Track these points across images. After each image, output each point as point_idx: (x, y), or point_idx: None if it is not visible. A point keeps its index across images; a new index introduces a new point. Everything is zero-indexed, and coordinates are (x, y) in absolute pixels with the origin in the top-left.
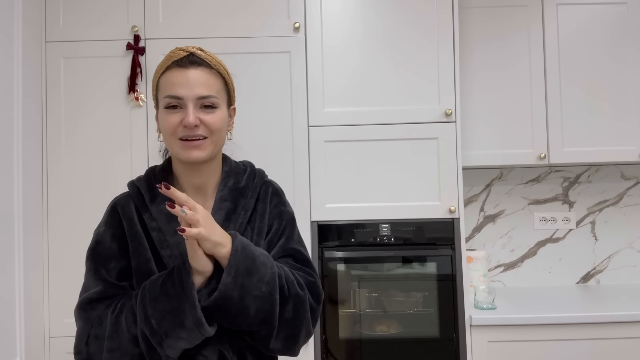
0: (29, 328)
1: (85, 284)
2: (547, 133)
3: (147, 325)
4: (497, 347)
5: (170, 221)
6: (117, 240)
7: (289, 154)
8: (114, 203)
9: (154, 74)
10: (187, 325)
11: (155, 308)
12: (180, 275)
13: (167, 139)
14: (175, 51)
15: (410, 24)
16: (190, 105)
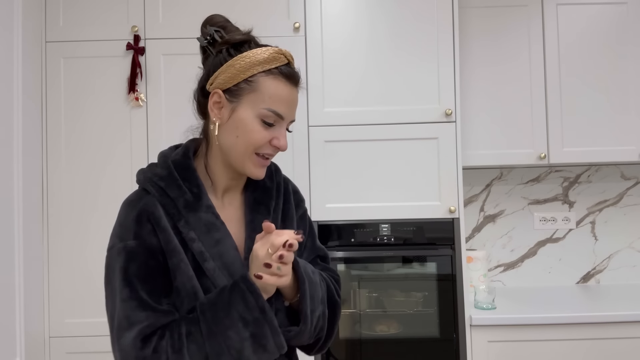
0: (29, 328)
1: (126, 315)
2: (547, 133)
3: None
4: (497, 347)
5: (211, 231)
6: (153, 255)
7: (288, 154)
8: (140, 210)
9: (242, 62)
10: (269, 350)
11: (234, 338)
12: (255, 301)
13: (244, 150)
14: (278, 53)
15: (410, 23)
16: (284, 127)
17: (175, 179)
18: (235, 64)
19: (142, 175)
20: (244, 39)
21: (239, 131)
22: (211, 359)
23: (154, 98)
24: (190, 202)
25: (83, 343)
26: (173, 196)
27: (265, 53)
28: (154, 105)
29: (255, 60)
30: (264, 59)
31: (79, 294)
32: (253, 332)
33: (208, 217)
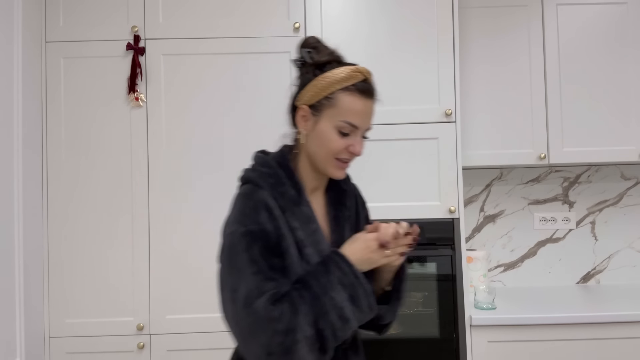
0: (29, 328)
1: (256, 286)
2: (547, 133)
3: (332, 314)
4: (497, 347)
5: (309, 222)
6: (270, 238)
7: None
8: (256, 200)
9: (326, 82)
10: (363, 310)
11: (337, 299)
12: (349, 268)
13: (325, 156)
14: (355, 71)
15: (410, 24)
16: (359, 135)
17: (282, 177)
18: (318, 83)
19: (251, 173)
20: (328, 60)
21: (320, 140)
22: (319, 317)
23: (154, 98)
24: (294, 197)
25: (83, 343)
26: (281, 191)
27: (343, 72)
28: (154, 105)
29: (334, 80)
30: (342, 78)
31: (79, 294)
32: (351, 294)
33: (307, 210)
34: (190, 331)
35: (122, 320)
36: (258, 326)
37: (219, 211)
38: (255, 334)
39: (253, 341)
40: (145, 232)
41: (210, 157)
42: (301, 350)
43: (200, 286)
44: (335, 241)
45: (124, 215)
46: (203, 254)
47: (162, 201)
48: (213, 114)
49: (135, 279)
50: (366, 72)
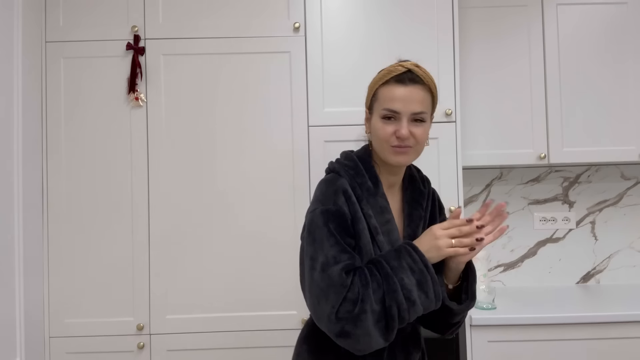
0: (29, 328)
1: (333, 255)
2: (547, 133)
3: (400, 295)
4: (497, 347)
5: (384, 212)
6: (346, 219)
7: (288, 154)
8: (337, 186)
9: (371, 82)
10: (430, 297)
11: (405, 281)
12: (419, 256)
13: (380, 144)
14: (396, 66)
15: (410, 24)
16: (405, 119)
17: (361, 170)
18: (368, 87)
19: (335, 165)
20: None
21: (374, 132)
22: (387, 294)
23: (154, 98)
24: (371, 188)
25: (83, 343)
26: (359, 182)
27: (384, 71)
28: (154, 105)
29: (376, 79)
30: (382, 76)
31: (79, 294)
32: (419, 279)
33: (382, 201)
34: (190, 331)
35: (122, 320)
36: (331, 290)
37: (219, 211)
38: (328, 296)
39: (325, 303)
40: (145, 232)
41: (210, 156)
42: (367, 322)
43: (201, 286)
44: (408, 236)
45: (124, 215)
46: (203, 254)
47: (162, 201)
48: (213, 114)
49: (135, 279)
50: (410, 65)
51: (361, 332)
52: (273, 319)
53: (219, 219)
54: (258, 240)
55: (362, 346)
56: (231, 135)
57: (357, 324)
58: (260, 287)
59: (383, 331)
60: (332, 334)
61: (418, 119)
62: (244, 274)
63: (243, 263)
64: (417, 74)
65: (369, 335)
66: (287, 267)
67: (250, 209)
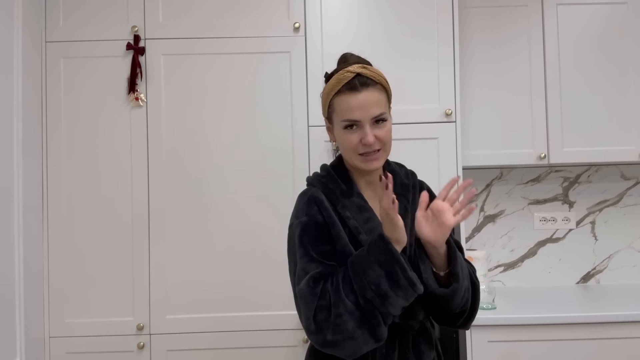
0: (29, 328)
1: (302, 267)
2: (547, 133)
3: (369, 290)
4: (497, 346)
5: (362, 211)
6: (320, 227)
7: (289, 154)
8: (309, 197)
9: (324, 93)
10: (402, 285)
11: (371, 275)
12: (385, 246)
13: (348, 154)
14: (344, 73)
15: (410, 24)
16: (367, 125)
17: (333, 175)
18: (321, 97)
19: (310, 178)
20: (331, 74)
21: (340, 143)
22: (359, 294)
23: (154, 98)
24: (345, 190)
25: (83, 343)
26: (332, 187)
27: (333, 80)
28: (154, 105)
29: (328, 90)
30: (332, 85)
31: (79, 294)
32: (387, 270)
33: (359, 201)
34: (190, 331)
35: (122, 320)
36: (303, 301)
37: (220, 211)
38: (302, 309)
39: (302, 316)
40: (145, 231)
41: (210, 156)
42: (346, 325)
43: (201, 286)
44: None
45: (124, 215)
46: (203, 254)
47: (162, 201)
48: (213, 114)
49: (135, 278)
50: (358, 68)
51: (343, 337)
52: (273, 319)
53: (220, 219)
54: (259, 240)
55: (350, 351)
56: (231, 135)
57: (336, 330)
58: (261, 287)
59: (370, 331)
60: (319, 346)
61: (379, 119)
62: (244, 274)
63: (244, 263)
64: (367, 76)
65: (352, 338)
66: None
67: (250, 208)
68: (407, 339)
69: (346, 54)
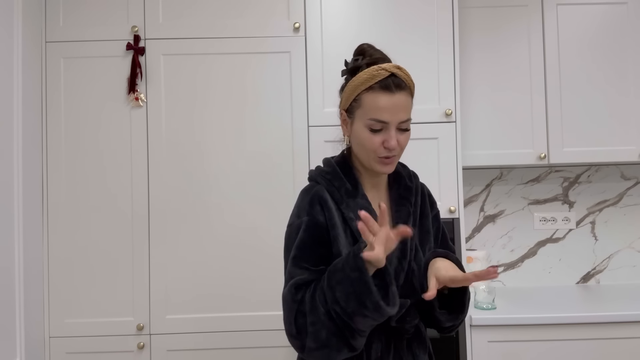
0: (29, 328)
1: (290, 271)
2: (547, 133)
3: (337, 305)
4: (497, 347)
5: None
6: (320, 228)
7: (289, 154)
8: (312, 195)
9: (351, 86)
10: (368, 307)
11: (341, 290)
12: (355, 262)
13: (366, 154)
14: (378, 70)
15: (410, 24)
16: (393, 129)
17: (338, 173)
18: (348, 87)
19: (313, 172)
20: (358, 65)
21: (358, 140)
22: (330, 307)
23: (154, 98)
24: (350, 190)
25: (83, 343)
26: (337, 185)
27: (366, 74)
28: (154, 105)
29: (358, 83)
30: (364, 80)
31: (79, 294)
32: (355, 290)
33: (363, 202)
34: (190, 331)
35: (122, 320)
36: (286, 306)
37: (220, 211)
38: (285, 314)
39: (285, 321)
40: (145, 231)
41: (210, 156)
42: (322, 333)
43: (201, 286)
44: None
45: (124, 215)
46: (203, 254)
47: (162, 200)
48: (213, 114)
49: (135, 279)
50: (392, 68)
51: (317, 345)
52: (274, 319)
53: (220, 219)
54: (259, 240)
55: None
56: (231, 135)
57: (312, 337)
58: (261, 287)
59: (343, 341)
60: (299, 351)
61: (404, 127)
62: (244, 274)
63: (244, 263)
64: (401, 78)
65: (326, 347)
66: None
67: (250, 208)
68: (402, 342)
69: (364, 45)
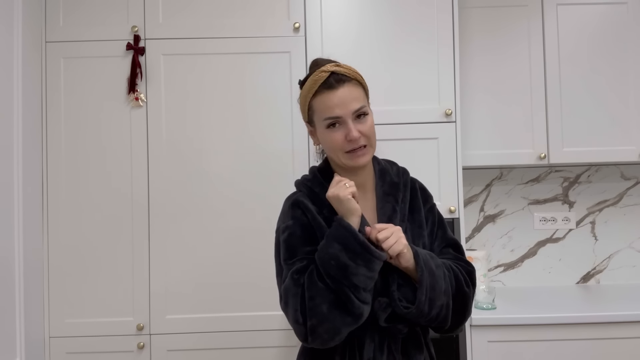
0: (29, 328)
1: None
2: (547, 133)
3: (332, 267)
4: (497, 347)
5: None
6: (306, 229)
7: (289, 154)
8: (292, 202)
9: (302, 97)
10: (358, 252)
11: (330, 251)
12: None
13: (334, 153)
14: (318, 74)
15: (410, 23)
16: (349, 121)
17: (318, 178)
18: (300, 100)
19: (297, 182)
20: (305, 79)
21: (325, 144)
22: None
23: (154, 98)
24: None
25: (83, 343)
26: (317, 191)
27: (309, 82)
28: (154, 105)
29: (305, 93)
30: (309, 88)
31: (79, 294)
32: (342, 243)
33: None
34: (190, 331)
35: (122, 320)
36: (289, 294)
37: (220, 211)
38: (288, 302)
39: (291, 309)
40: (145, 231)
41: (210, 156)
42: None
43: (201, 286)
44: None
45: (124, 215)
46: (203, 254)
47: (161, 200)
48: (213, 114)
49: (135, 279)
50: (331, 67)
51: (318, 320)
52: (274, 319)
53: (220, 219)
54: (259, 240)
55: (330, 334)
56: (231, 135)
57: (312, 314)
58: (261, 287)
59: (344, 310)
60: (303, 338)
61: (360, 114)
62: (245, 274)
63: (244, 263)
64: (341, 73)
65: (328, 320)
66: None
67: (250, 208)
68: (396, 342)
69: (317, 59)
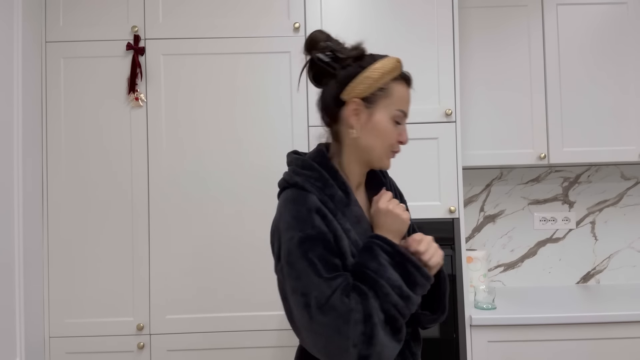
0: (29, 328)
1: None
2: (547, 133)
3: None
4: (497, 347)
5: (360, 221)
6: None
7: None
8: (309, 205)
9: (377, 72)
10: (419, 282)
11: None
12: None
13: (381, 146)
14: (398, 62)
15: (410, 23)
16: (404, 123)
17: (327, 179)
18: (370, 75)
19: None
20: (362, 53)
21: (378, 132)
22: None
23: (154, 98)
24: (343, 198)
25: (83, 343)
26: (329, 193)
27: (391, 63)
28: (154, 105)
29: (385, 71)
30: (391, 69)
31: (79, 294)
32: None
33: (357, 210)
34: (190, 331)
35: (122, 320)
36: (339, 320)
37: (220, 211)
38: (339, 329)
39: (339, 338)
40: (145, 231)
41: (210, 156)
42: (379, 335)
43: (201, 286)
44: None
45: (124, 215)
46: (203, 254)
47: (162, 201)
48: (213, 114)
49: (135, 279)
50: (402, 62)
51: (379, 349)
52: (274, 320)
53: (220, 219)
54: (259, 241)
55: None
56: (231, 135)
57: (372, 342)
58: (262, 287)
59: (392, 336)
60: None
61: None
62: (245, 275)
63: (244, 264)
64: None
65: (386, 346)
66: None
67: (250, 209)
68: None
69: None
